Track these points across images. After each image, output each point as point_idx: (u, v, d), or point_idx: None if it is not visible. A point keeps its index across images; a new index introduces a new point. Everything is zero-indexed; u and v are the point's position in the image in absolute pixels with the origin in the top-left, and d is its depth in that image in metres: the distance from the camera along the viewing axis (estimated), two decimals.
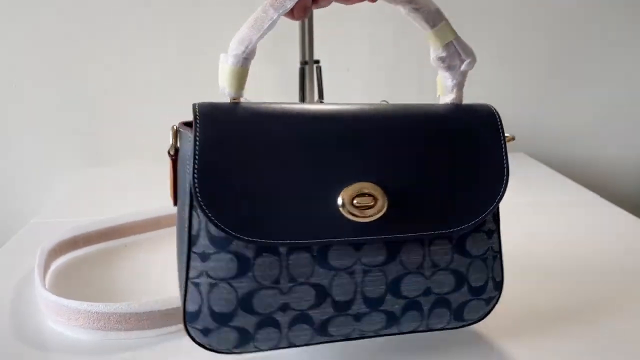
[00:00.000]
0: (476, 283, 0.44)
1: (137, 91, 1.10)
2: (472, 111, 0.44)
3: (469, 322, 0.46)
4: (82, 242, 0.68)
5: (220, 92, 0.39)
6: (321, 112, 0.40)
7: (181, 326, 0.49)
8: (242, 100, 0.40)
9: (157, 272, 0.63)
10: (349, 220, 0.39)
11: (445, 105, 0.44)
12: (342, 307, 0.41)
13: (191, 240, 0.39)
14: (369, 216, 0.39)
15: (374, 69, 1.14)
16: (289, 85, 1.09)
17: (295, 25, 0.98)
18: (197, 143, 0.37)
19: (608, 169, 1.27)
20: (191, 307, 0.39)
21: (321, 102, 0.97)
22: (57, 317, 0.50)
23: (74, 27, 1.05)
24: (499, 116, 0.44)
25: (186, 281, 0.39)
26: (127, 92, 1.09)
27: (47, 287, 0.57)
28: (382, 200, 0.39)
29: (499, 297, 0.46)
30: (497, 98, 1.17)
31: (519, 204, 0.86)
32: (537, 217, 0.80)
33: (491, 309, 0.46)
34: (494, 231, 0.45)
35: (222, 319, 0.39)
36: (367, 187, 0.39)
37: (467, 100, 0.45)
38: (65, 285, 0.60)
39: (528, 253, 0.67)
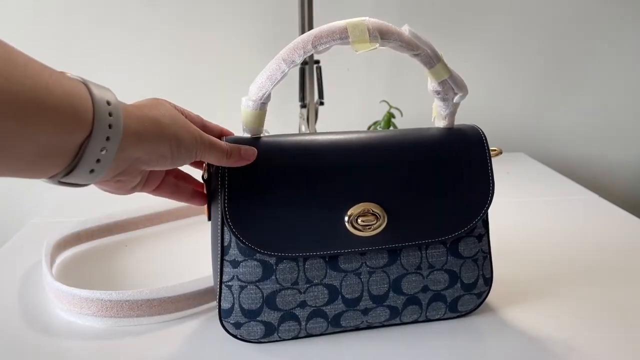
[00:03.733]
0: (468, 280, 0.51)
1: (137, 91, 1.09)
2: (462, 135, 0.50)
3: (463, 312, 0.52)
4: (85, 237, 0.69)
5: (243, 130, 0.47)
6: (329, 143, 0.47)
7: (191, 311, 0.54)
8: (262, 135, 0.47)
9: (159, 265, 0.66)
10: (355, 234, 0.46)
11: (439, 129, 0.51)
12: (351, 303, 0.48)
13: (223, 250, 0.46)
14: (372, 230, 0.46)
15: (374, 69, 1.14)
16: (289, 85, 1.08)
17: (295, 25, 0.98)
18: (226, 174, 0.45)
19: (608, 169, 1.27)
20: (225, 305, 0.47)
21: (322, 104, 0.99)
22: (70, 306, 0.51)
23: (74, 29, 1.05)
24: (484, 137, 0.50)
25: (220, 284, 0.47)
26: (127, 91, 1.08)
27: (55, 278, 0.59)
28: (383, 218, 0.46)
29: (489, 291, 0.53)
30: (499, 98, 1.20)
31: (519, 203, 0.88)
32: (536, 217, 0.82)
33: (482, 301, 0.53)
34: (484, 235, 0.52)
35: (250, 314, 0.46)
36: (369, 207, 0.46)
37: (469, 99, 0.50)
38: (71, 277, 0.62)
39: (527, 253, 0.69)
